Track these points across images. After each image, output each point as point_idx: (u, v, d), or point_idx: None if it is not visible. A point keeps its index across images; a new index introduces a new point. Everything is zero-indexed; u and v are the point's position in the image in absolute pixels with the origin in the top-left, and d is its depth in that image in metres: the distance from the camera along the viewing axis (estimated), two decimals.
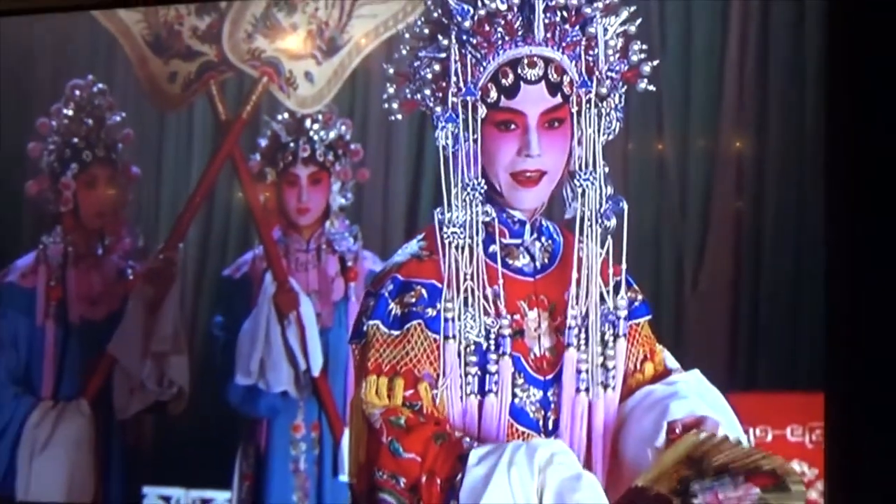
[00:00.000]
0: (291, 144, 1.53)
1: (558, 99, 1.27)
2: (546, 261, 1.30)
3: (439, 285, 1.28)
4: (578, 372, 1.24)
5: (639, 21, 1.29)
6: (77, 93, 1.61)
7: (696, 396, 1.23)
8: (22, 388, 1.60)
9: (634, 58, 1.27)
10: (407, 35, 1.34)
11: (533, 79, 1.26)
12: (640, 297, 1.26)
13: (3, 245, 1.63)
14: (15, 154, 1.61)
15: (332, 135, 1.52)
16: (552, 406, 1.25)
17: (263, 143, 1.55)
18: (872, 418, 1.32)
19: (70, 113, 1.60)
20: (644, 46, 1.27)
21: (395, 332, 1.26)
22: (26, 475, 1.57)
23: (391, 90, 1.33)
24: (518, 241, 1.29)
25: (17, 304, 1.60)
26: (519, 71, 1.27)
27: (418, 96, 1.30)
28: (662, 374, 1.26)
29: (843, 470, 1.28)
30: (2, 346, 1.60)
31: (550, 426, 1.25)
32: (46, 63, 1.63)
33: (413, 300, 1.27)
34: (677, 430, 1.21)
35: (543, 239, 1.30)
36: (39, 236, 1.61)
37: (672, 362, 1.27)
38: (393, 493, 1.23)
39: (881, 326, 1.33)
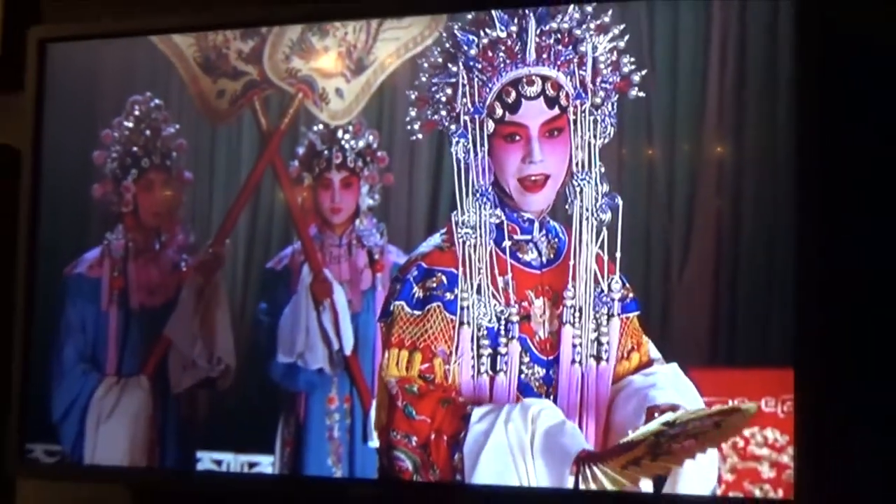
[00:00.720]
0: (325, 152, 1.54)
1: (556, 111, 1.35)
2: (552, 256, 1.38)
3: (456, 272, 1.35)
4: (574, 346, 1.33)
5: (627, 37, 1.35)
6: (136, 107, 1.63)
7: (672, 388, 1.31)
8: (89, 365, 1.62)
9: (625, 69, 1.35)
10: (426, 64, 1.41)
11: (532, 95, 1.35)
12: (631, 294, 1.34)
13: (72, 241, 1.64)
14: (82, 162, 1.64)
15: (361, 144, 1.53)
16: (553, 382, 1.34)
17: (301, 151, 1.55)
18: (836, 391, 1.36)
19: (130, 125, 1.63)
20: (633, 59, 1.33)
21: (417, 312, 1.35)
22: (93, 442, 1.60)
23: (413, 113, 1.40)
24: (528, 237, 1.38)
25: (85, 292, 1.62)
26: (520, 89, 1.35)
27: (436, 117, 1.39)
28: (646, 364, 1.32)
29: (811, 436, 1.30)
30: (72, 330, 1.62)
31: (553, 400, 1.34)
32: (110, 82, 1.64)
33: (434, 285, 1.35)
34: (656, 415, 1.29)
35: (550, 236, 1.38)
36: (104, 233, 1.63)
37: (655, 353, 1.33)
38: (405, 451, 1.32)
39: (845, 312, 1.38)
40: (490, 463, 1.30)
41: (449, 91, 1.38)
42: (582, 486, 1.26)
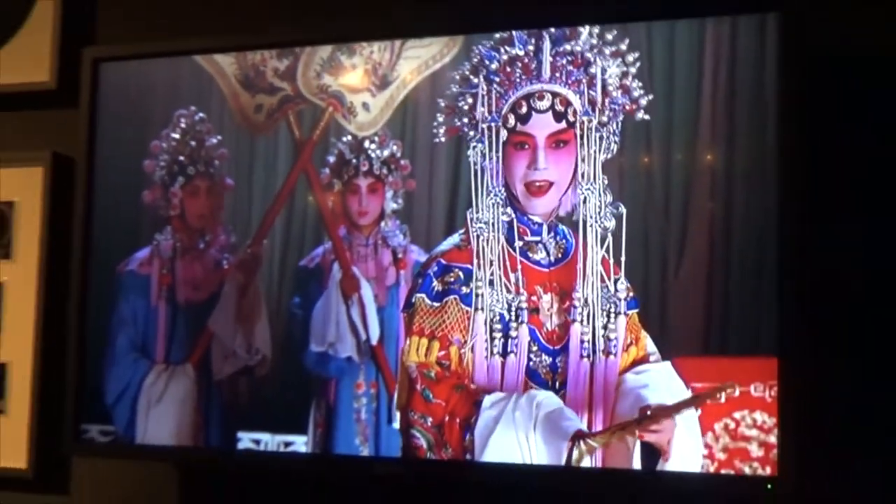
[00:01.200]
0: (353, 161, 1.60)
1: (563, 124, 1.44)
2: (559, 256, 1.47)
3: (472, 268, 1.44)
4: (582, 342, 1.42)
5: (639, 65, 1.41)
6: (182, 120, 1.70)
7: (664, 388, 1.37)
8: (140, 354, 1.69)
9: (635, 94, 1.41)
10: (456, 76, 1.50)
11: (542, 109, 1.44)
12: (632, 293, 1.40)
13: (125, 241, 1.72)
14: (134, 170, 1.72)
15: (385, 153, 1.58)
16: (559, 370, 1.43)
17: (331, 159, 1.61)
18: (817, 378, 1.44)
19: (177, 136, 1.70)
20: (641, 84, 1.40)
21: (436, 304, 1.45)
22: (144, 424, 1.67)
23: (441, 119, 1.49)
24: (537, 238, 1.47)
25: (136, 288, 1.69)
26: (531, 103, 1.45)
27: (458, 123, 1.48)
28: (644, 358, 1.40)
29: (794, 418, 1.37)
30: (124, 322, 1.69)
31: (557, 386, 1.42)
32: (158, 97, 1.71)
33: (452, 280, 1.45)
34: (648, 413, 1.38)
35: (558, 238, 1.47)
36: (153, 234, 1.70)
37: (651, 347, 1.40)
38: (421, 430, 1.42)
39: (825, 306, 1.46)
40: (498, 446, 1.38)
41: (470, 100, 1.46)
42: (576, 455, 1.36)
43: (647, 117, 1.42)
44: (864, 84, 1.49)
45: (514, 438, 1.38)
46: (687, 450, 1.38)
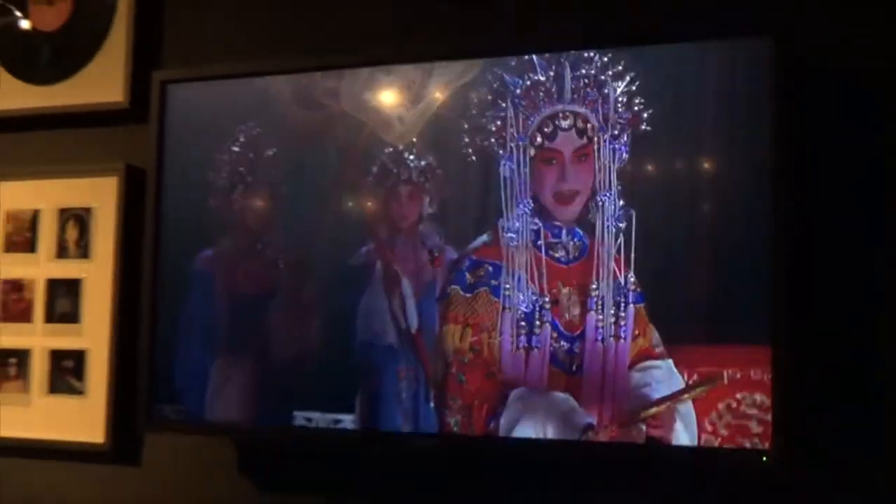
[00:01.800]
0: (394, 170, 1.70)
1: (584, 140, 1.55)
2: (577, 254, 1.56)
3: (500, 264, 1.56)
4: (597, 328, 1.52)
5: (639, 83, 1.51)
6: (242, 135, 1.80)
7: (665, 386, 1.46)
8: (206, 343, 1.80)
9: (636, 109, 1.50)
10: (476, 99, 1.59)
11: (566, 127, 1.54)
12: (639, 288, 1.49)
13: (192, 243, 1.83)
14: (199, 179, 1.83)
15: (423, 163, 1.68)
16: (576, 354, 1.54)
17: (374, 169, 1.71)
18: (805, 365, 1.53)
19: (237, 149, 1.80)
20: (643, 101, 1.50)
21: (468, 295, 1.56)
22: (210, 404, 1.77)
23: (467, 139, 1.60)
24: (558, 240, 1.58)
25: (202, 284, 1.80)
26: (556, 122, 1.55)
27: (486, 143, 1.59)
28: (649, 350, 1.48)
29: (787, 398, 1.47)
30: (192, 314, 1.79)
31: (574, 368, 1.52)
32: (220, 114, 1.82)
33: (482, 274, 1.56)
34: (648, 403, 1.46)
35: (576, 240, 1.57)
36: (217, 237, 1.81)
37: (656, 340, 1.48)
38: (451, 409, 1.53)
39: (813, 301, 1.55)
40: (520, 435, 1.49)
41: (499, 122, 1.56)
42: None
43: (653, 130, 1.51)
44: (851, 95, 1.58)
45: (532, 429, 1.48)
46: (684, 442, 1.49)
